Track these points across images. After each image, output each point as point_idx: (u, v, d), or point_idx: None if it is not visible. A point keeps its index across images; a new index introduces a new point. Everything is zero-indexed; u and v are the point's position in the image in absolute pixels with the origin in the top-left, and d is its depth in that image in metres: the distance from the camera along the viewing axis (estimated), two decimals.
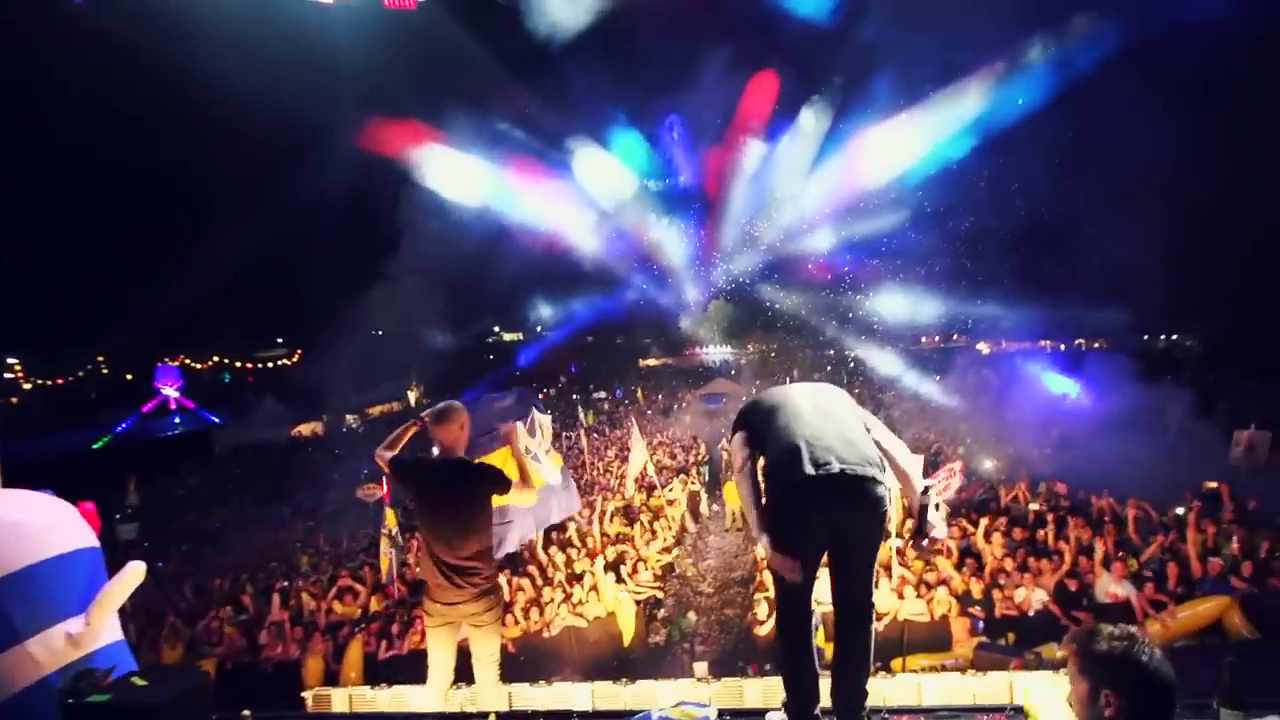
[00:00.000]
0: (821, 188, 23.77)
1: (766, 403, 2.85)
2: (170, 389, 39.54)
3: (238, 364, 63.83)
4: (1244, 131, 23.29)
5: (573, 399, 31.90)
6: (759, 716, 2.72)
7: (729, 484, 14.40)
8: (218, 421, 35.51)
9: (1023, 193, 26.42)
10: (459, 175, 21.68)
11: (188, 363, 55.40)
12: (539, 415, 5.62)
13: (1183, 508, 8.26)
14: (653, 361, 52.18)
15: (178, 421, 38.00)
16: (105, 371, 56.12)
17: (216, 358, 62.80)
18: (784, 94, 23.59)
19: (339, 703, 3.87)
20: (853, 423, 2.66)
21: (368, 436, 27.51)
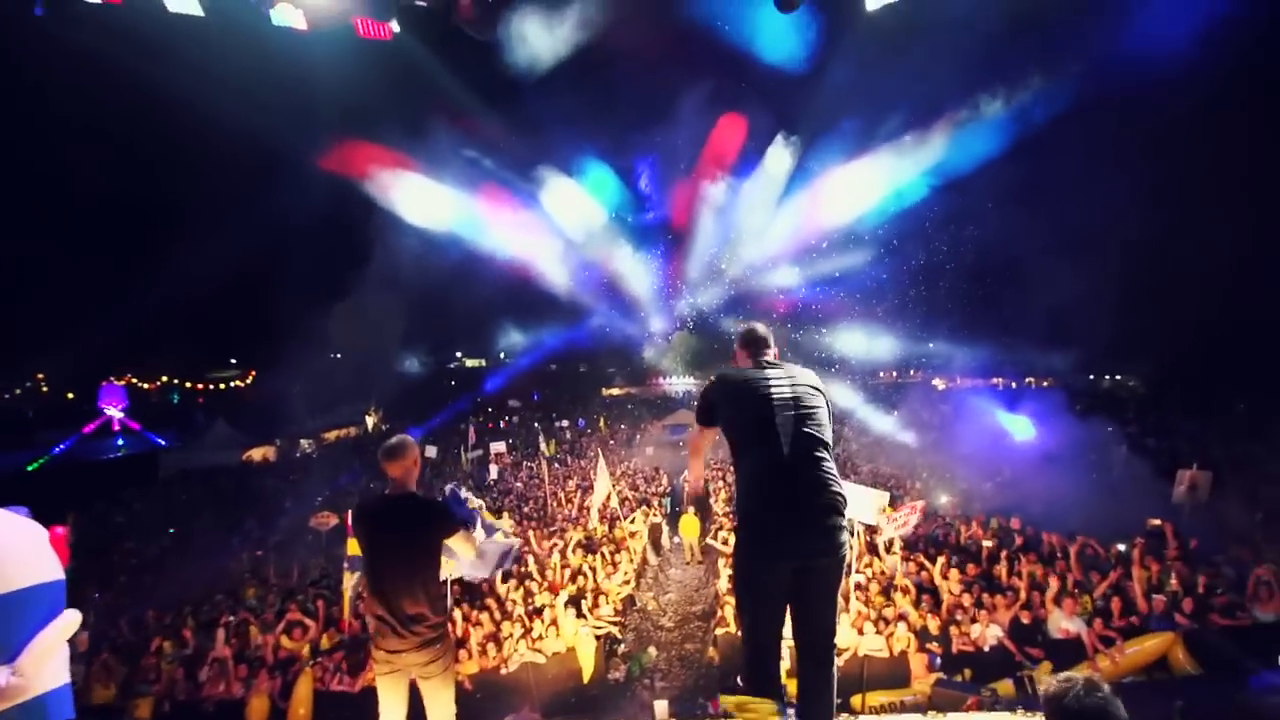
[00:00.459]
0: (785, 225, 24.38)
1: (739, 392, 2.72)
2: (114, 409, 37.96)
3: (187, 384, 61.74)
4: (1186, 184, 24.78)
5: (534, 427, 31.62)
6: None
7: (685, 517, 14.36)
8: (164, 444, 34.15)
9: (977, 236, 27.57)
10: (426, 201, 21.60)
11: (134, 382, 53.41)
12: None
13: (1124, 544, 8.52)
14: (616, 391, 52.20)
15: (121, 443, 36.42)
16: (45, 390, 53.64)
17: (165, 377, 60.67)
18: (752, 134, 24.25)
19: None
20: (825, 445, 2.61)
21: (323, 462, 26.78)
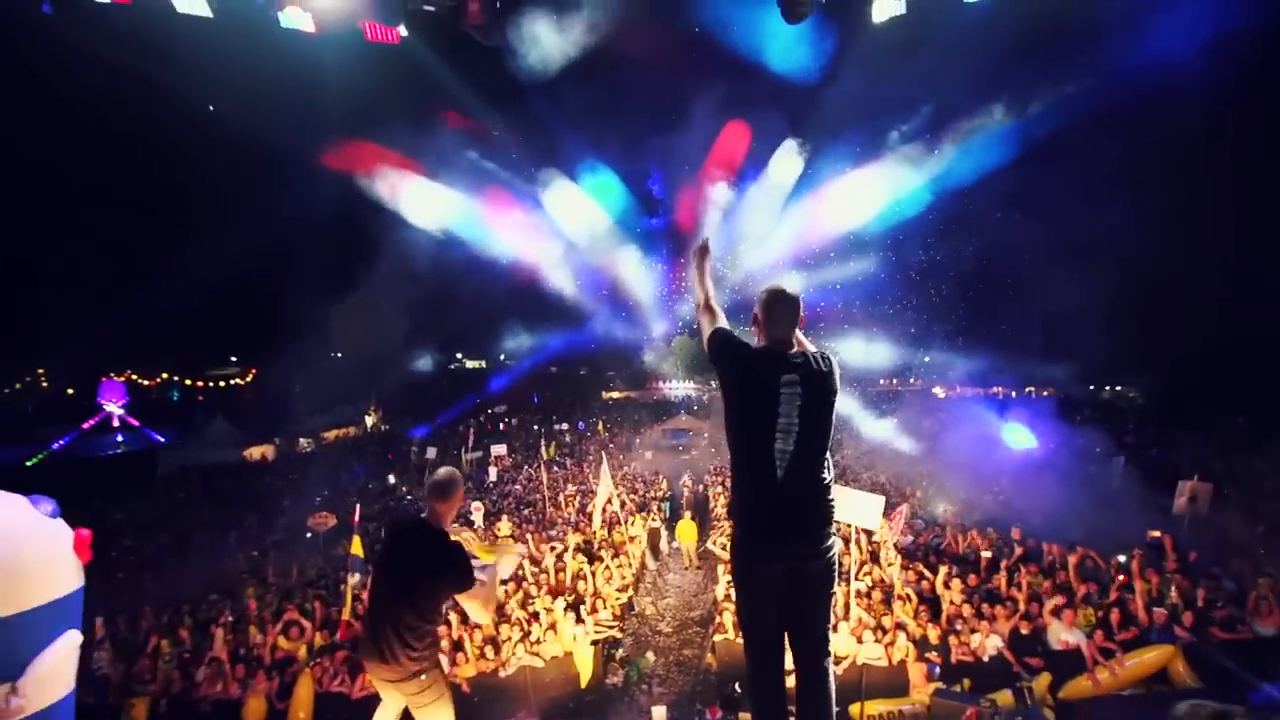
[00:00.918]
0: (787, 232, 24.37)
1: (747, 379, 2.56)
2: (114, 405, 37.92)
3: (187, 381, 61.74)
4: (1190, 197, 24.90)
5: (534, 429, 31.61)
6: None
7: (683, 522, 14.42)
8: (163, 441, 34.10)
9: (978, 245, 27.64)
10: (429, 203, 21.62)
11: (134, 378, 53.40)
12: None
13: (1124, 556, 8.52)
14: (615, 394, 52.20)
15: (120, 440, 36.38)
16: (45, 385, 53.63)
17: (165, 374, 60.68)
18: (756, 141, 24.28)
19: None
20: (824, 449, 2.57)
21: (322, 461, 26.77)
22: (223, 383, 63.38)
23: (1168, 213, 23.90)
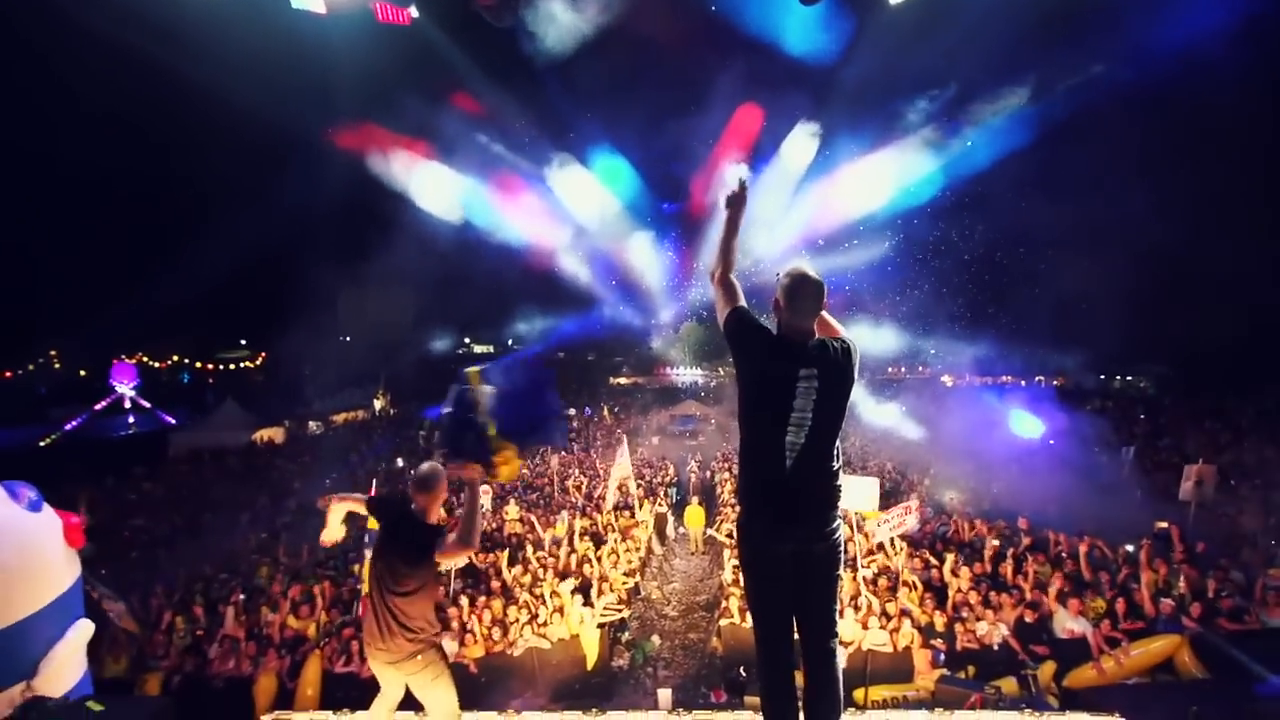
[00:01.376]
0: (798, 218, 24.13)
1: (763, 366, 2.50)
2: (126, 387, 38.27)
3: (198, 364, 62.20)
4: (1211, 185, 24.39)
5: None
6: None
7: (690, 508, 14.53)
8: (174, 422, 34.41)
9: (990, 231, 27.29)
10: (439, 186, 21.54)
11: (146, 361, 53.83)
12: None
13: (1132, 545, 8.50)
14: (623, 380, 52.22)
15: (132, 421, 36.73)
16: (58, 366, 54.15)
17: (176, 357, 61.14)
18: (769, 125, 23.95)
19: None
20: (835, 436, 2.53)
21: (332, 444, 26.96)
22: (233, 365, 63.86)
23: (1190, 199, 23.43)
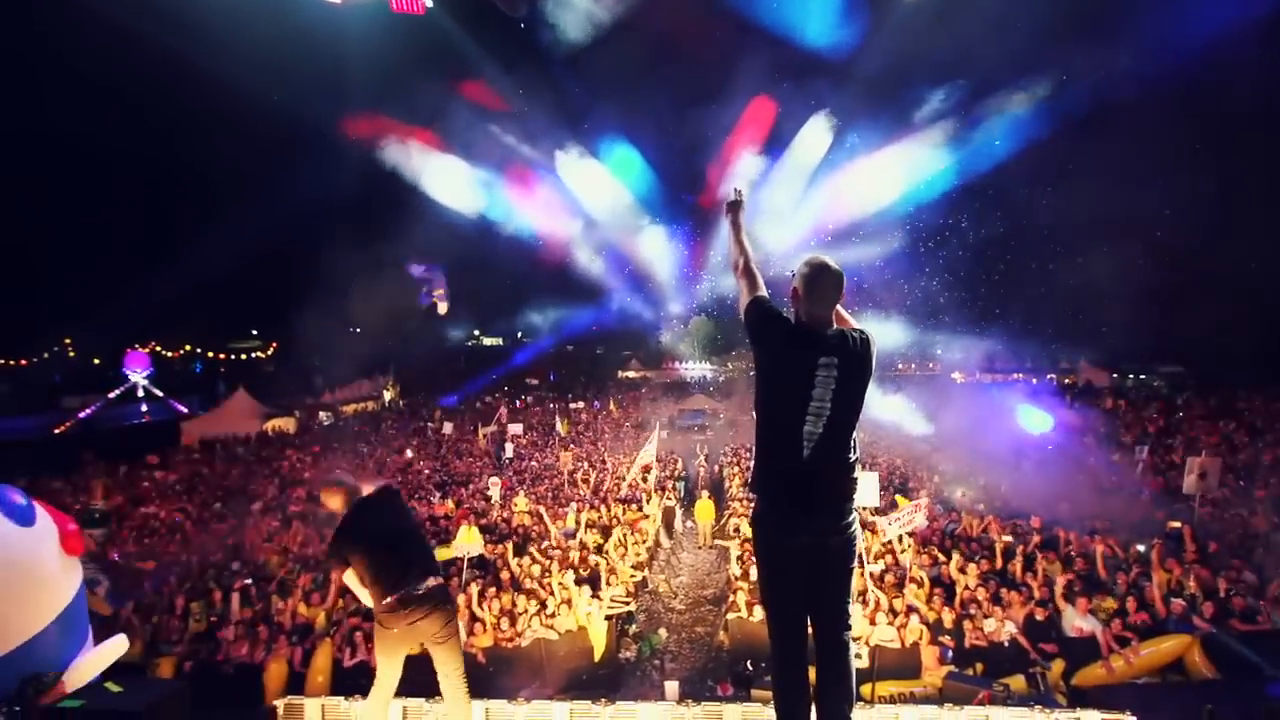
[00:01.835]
0: (810, 212, 24.03)
1: (781, 354, 2.52)
2: (139, 375, 38.64)
3: (210, 354, 62.66)
4: (1226, 185, 24.08)
5: (550, 407, 31.76)
6: None
7: (700, 502, 14.56)
8: (186, 411, 34.73)
9: (1004, 227, 27.10)
10: (451, 178, 21.59)
11: (159, 350, 54.26)
12: None
13: (1144, 545, 8.45)
14: (632, 374, 52.25)
15: (145, 410, 37.13)
16: (72, 355, 54.67)
17: (189, 346, 61.62)
18: (783, 118, 23.83)
19: (312, 713, 3.79)
20: (852, 429, 2.51)
21: (342, 433, 27.14)
22: (244, 355, 64.30)
23: (1208, 195, 23.11)
